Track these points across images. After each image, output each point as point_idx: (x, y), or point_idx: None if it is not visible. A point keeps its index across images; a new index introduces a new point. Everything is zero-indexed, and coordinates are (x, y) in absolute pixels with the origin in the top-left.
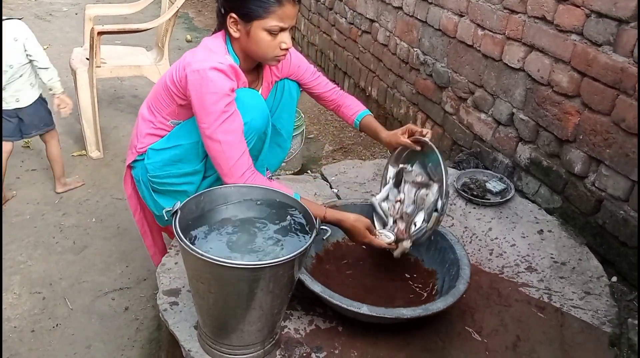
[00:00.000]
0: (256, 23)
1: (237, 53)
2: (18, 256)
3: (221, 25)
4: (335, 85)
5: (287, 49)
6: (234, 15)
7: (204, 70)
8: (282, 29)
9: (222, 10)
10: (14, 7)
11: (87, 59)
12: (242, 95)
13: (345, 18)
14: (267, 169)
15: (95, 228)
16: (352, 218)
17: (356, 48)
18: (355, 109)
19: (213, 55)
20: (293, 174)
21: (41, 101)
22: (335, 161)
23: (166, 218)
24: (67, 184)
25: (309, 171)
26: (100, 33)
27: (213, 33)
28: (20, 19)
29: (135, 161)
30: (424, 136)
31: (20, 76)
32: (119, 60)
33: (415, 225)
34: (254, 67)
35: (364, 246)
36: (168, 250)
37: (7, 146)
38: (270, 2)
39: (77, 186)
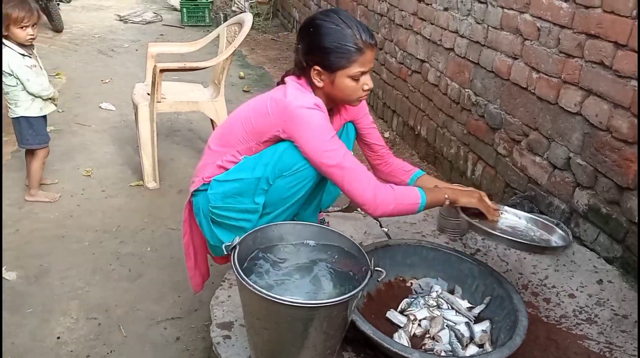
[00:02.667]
0: (340, 73)
1: (319, 97)
2: (77, 282)
3: (300, 72)
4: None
5: (369, 89)
6: (317, 68)
7: (309, 108)
8: (363, 73)
9: (305, 64)
10: (79, 43)
11: (148, 94)
12: None
13: (395, 58)
14: (320, 211)
15: (150, 257)
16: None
17: (406, 87)
18: (410, 167)
19: (305, 95)
20: (341, 211)
21: (20, 120)
22: None
23: (225, 253)
24: (34, 195)
25: (358, 209)
26: (162, 70)
27: (284, 76)
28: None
29: (198, 189)
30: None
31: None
32: (178, 96)
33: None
34: (329, 110)
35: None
36: (221, 282)
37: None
38: (352, 52)
39: (45, 201)
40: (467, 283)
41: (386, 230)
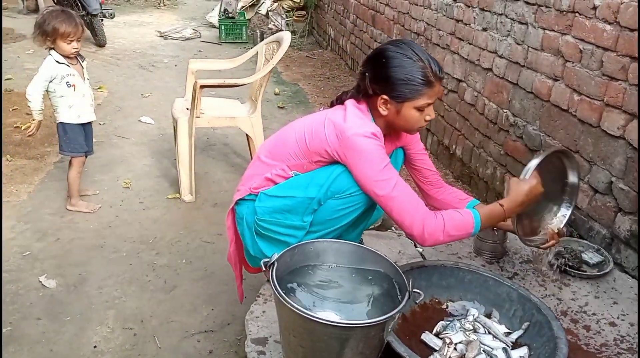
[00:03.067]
0: (408, 104)
1: (378, 124)
2: (114, 292)
3: (362, 98)
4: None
5: (430, 120)
6: (385, 97)
7: (366, 136)
8: (429, 104)
9: (371, 92)
10: (121, 57)
11: (188, 109)
12: None
13: None
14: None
15: (185, 269)
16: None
17: (441, 106)
18: (465, 195)
19: (365, 122)
20: (374, 228)
21: (58, 125)
22: None
23: (264, 269)
24: (75, 205)
25: (393, 228)
26: (203, 86)
27: (342, 97)
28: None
29: (242, 198)
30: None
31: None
32: (216, 111)
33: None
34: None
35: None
36: (256, 297)
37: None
38: (422, 85)
39: (85, 211)
40: (505, 307)
41: (421, 250)
